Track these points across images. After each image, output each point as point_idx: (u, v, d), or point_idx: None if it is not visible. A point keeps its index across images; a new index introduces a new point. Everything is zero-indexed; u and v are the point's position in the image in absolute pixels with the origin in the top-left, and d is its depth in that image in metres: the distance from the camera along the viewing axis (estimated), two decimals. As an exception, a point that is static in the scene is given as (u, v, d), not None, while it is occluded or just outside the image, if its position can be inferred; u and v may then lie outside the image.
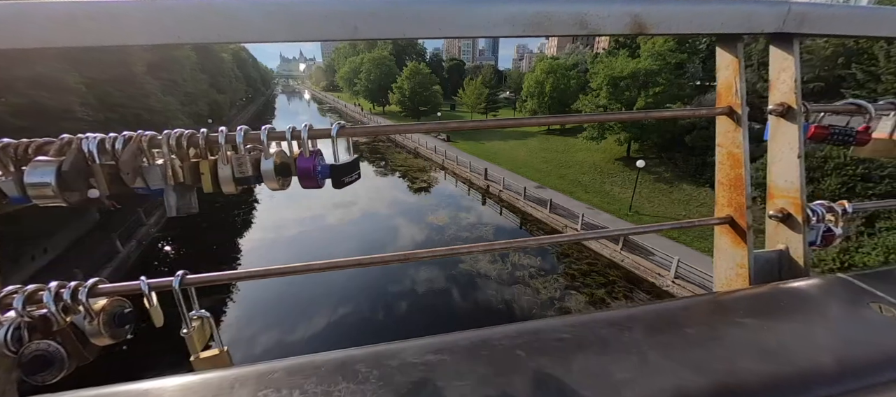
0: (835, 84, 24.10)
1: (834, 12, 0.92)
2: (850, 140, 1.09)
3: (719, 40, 0.98)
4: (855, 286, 0.85)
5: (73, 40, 0.64)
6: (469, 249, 1.02)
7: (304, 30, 0.74)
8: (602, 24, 0.78)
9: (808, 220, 1.04)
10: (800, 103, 1.00)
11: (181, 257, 18.12)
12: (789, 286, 0.89)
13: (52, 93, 12.23)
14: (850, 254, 14.84)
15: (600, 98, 27.40)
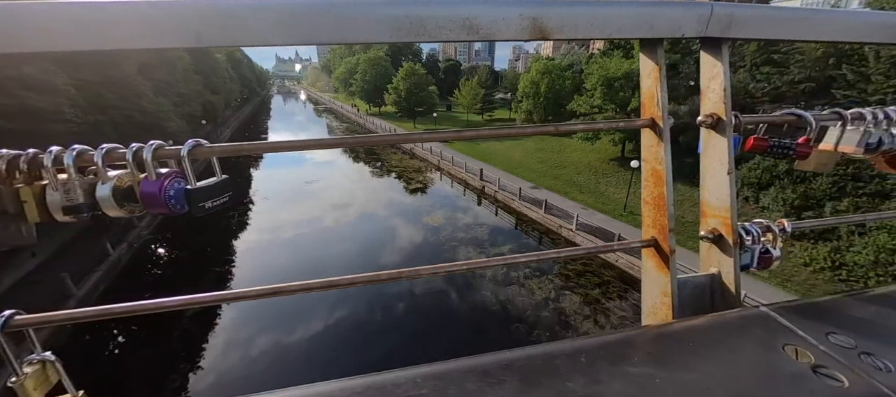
0: (825, 84, 24.43)
1: (763, 14, 0.87)
2: (791, 152, 1.04)
3: (642, 45, 0.92)
4: (774, 323, 0.80)
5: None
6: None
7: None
8: (495, 28, 0.72)
9: (740, 242, 0.98)
10: (729, 114, 0.94)
11: (173, 260, 17.92)
12: (703, 322, 0.83)
13: (41, 94, 12.03)
14: (841, 254, 15.03)
15: (595, 98, 27.54)
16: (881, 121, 1.03)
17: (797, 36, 0.90)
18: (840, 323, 0.79)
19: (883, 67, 20.51)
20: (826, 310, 0.85)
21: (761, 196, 20.26)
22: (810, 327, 0.77)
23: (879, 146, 1.04)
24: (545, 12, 0.74)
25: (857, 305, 0.87)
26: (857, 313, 0.84)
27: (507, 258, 0.98)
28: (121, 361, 11.95)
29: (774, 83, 26.39)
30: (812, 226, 1.18)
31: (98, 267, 14.76)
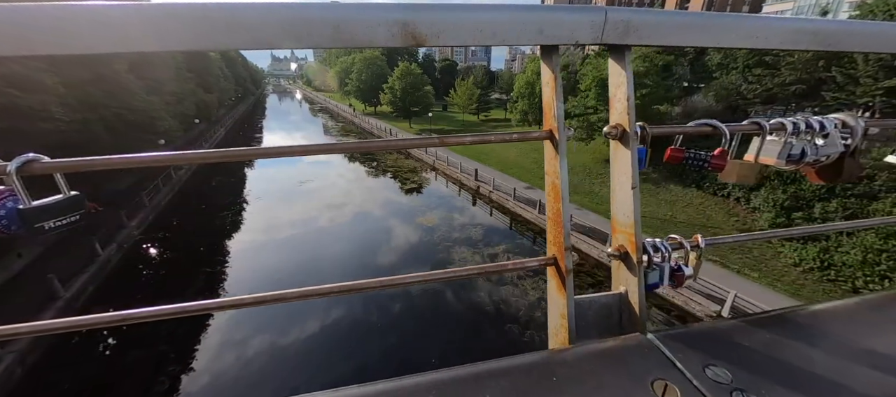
0: (815, 87, 24.82)
1: (662, 20, 0.84)
2: (705, 165, 1.02)
3: (541, 52, 0.87)
4: (654, 353, 0.77)
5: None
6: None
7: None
8: (365, 34, 0.69)
9: (648, 260, 0.95)
10: (634, 125, 0.91)
11: (166, 261, 17.70)
12: (583, 351, 0.80)
13: (28, 93, 11.81)
14: (830, 254, 15.28)
15: (589, 99, 27.71)
16: (802, 132, 1.01)
17: (699, 42, 0.87)
18: (725, 353, 0.77)
19: (871, 70, 20.89)
20: (715, 338, 0.83)
21: (752, 197, 20.52)
22: (691, 358, 0.75)
23: (803, 157, 1.01)
24: (419, 18, 0.71)
25: (749, 332, 0.84)
26: (747, 341, 0.81)
27: (394, 278, 0.91)
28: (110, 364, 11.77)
29: (766, 85, 26.76)
30: (729, 242, 1.15)
31: (87, 268, 14.52)
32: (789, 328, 0.86)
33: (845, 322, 0.91)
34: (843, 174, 1.06)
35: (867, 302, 0.98)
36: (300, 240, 19.38)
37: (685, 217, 20.68)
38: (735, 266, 15.29)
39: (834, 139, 1.01)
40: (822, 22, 0.93)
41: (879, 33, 0.97)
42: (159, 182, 23.15)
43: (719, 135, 0.98)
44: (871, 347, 0.79)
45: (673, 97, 29.72)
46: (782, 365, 0.75)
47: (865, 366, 0.74)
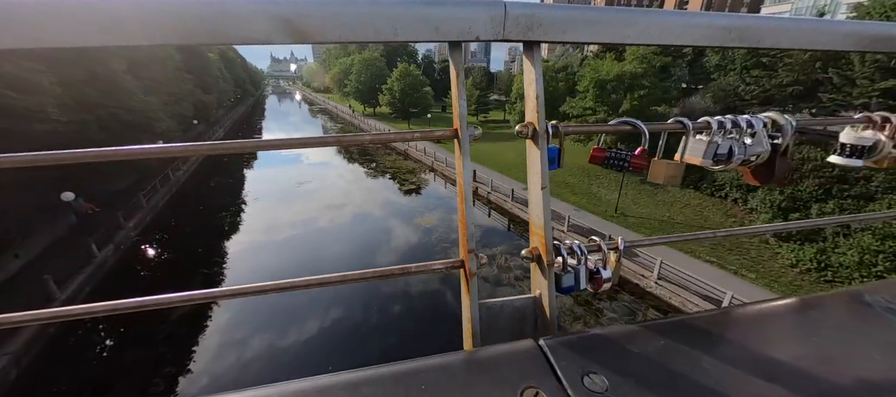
0: (812, 88, 24.95)
1: (568, 15, 0.80)
2: (625, 165, 1.01)
3: (449, 48, 0.84)
4: (536, 360, 0.75)
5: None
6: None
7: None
8: (241, 31, 0.66)
9: (563, 263, 0.94)
10: (543, 124, 0.88)
11: (163, 262, 17.65)
12: (476, 356, 0.78)
13: (23, 93, 11.76)
14: (827, 255, 15.33)
15: (587, 100, 27.77)
16: (729, 131, 1.00)
17: (612, 38, 0.84)
18: (614, 360, 0.75)
19: (868, 71, 21.02)
20: (613, 344, 0.80)
21: (749, 198, 20.60)
22: (576, 365, 0.73)
23: (730, 157, 1.00)
24: (297, 12, 0.68)
25: (653, 337, 0.82)
26: (648, 347, 0.79)
27: (322, 277, 0.90)
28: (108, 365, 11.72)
29: (763, 86, 26.88)
30: (647, 245, 1.11)
31: (83, 268, 14.47)
32: (699, 332, 0.84)
33: (757, 325, 0.88)
34: (775, 174, 1.05)
35: (792, 305, 0.96)
36: (300, 241, 19.35)
37: (682, 218, 20.73)
38: (732, 267, 15.33)
39: (760, 138, 1.01)
40: (739, 17, 0.89)
41: (797, 30, 0.94)
42: (157, 183, 23.09)
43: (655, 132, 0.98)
44: (770, 354, 0.78)
45: (671, 98, 29.81)
46: (669, 371, 0.73)
47: (758, 374, 0.73)
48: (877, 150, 1.10)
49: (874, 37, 0.98)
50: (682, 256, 15.81)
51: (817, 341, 0.82)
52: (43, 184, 13.65)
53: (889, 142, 1.09)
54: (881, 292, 0.96)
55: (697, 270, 14.36)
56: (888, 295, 0.95)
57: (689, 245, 16.60)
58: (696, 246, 16.62)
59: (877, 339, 0.83)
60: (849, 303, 0.94)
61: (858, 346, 0.81)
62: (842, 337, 0.83)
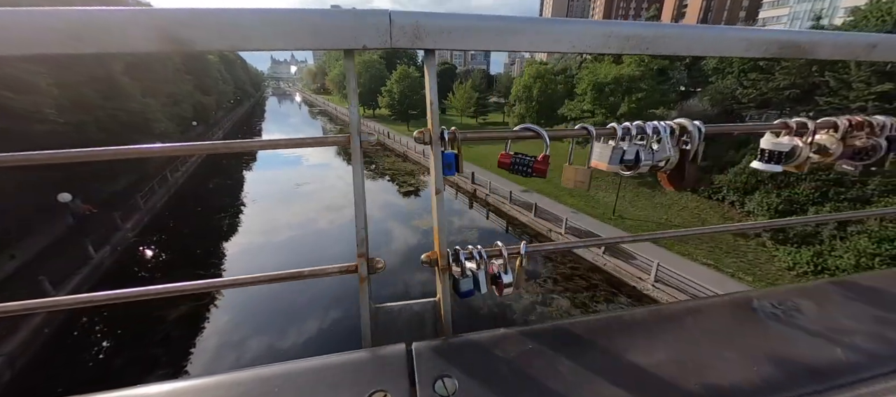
0: (809, 91, 25.09)
1: (456, 24, 0.81)
2: (528, 170, 1.02)
3: (344, 55, 0.85)
4: (396, 365, 0.75)
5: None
6: None
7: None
8: (125, 41, 0.67)
9: (461, 268, 0.95)
10: (437, 129, 0.90)
11: (161, 263, 17.59)
12: (340, 359, 0.78)
13: (21, 94, 11.75)
14: (823, 257, 15.39)
15: (585, 103, 27.86)
16: (634, 136, 1.01)
17: (501, 46, 0.84)
18: (473, 364, 0.75)
19: (864, 75, 21.14)
20: (476, 349, 0.79)
21: (746, 201, 20.67)
22: (434, 369, 0.73)
23: (638, 162, 1.02)
24: (178, 24, 0.68)
25: (515, 341, 0.81)
26: (512, 351, 0.78)
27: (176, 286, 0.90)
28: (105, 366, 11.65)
29: (760, 89, 27.03)
30: (547, 251, 1.13)
31: (79, 269, 14.41)
32: (574, 338, 0.83)
33: (635, 330, 0.86)
34: (685, 179, 1.07)
35: (678, 309, 0.94)
36: (299, 242, 19.32)
37: (680, 220, 20.78)
38: (729, 269, 15.37)
39: (665, 144, 1.02)
40: (632, 25, 0.90)
41: (696, 37, 0.95)
42: (155, 184, 23.03)
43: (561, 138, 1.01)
44: (634, 359, 0.77)
45: (669, 101, 29.93)
46: (527, 377, 0.72)
47: (614, 381, 0.72)
48: (795, 156, 1.12)
49: (782, 43, 1.00)
50: (678, 259, 15.85)
51: (685, 347, 0.81)
52: (40, 186, 13.61)
53: (806, 147, 1.12)
54: (770, 298, 0.97)
55: (695, 273, 14.39)
56: (776, 300, 0.95)
57: (686, 247, 16.64)
58: (693, 248, 16.65)
59: (748, 345, 0.82)
60: (735, 308, 0.95)
61: (729, 352, 0.79)
62: (715, 343, 0.82)
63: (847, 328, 0.86)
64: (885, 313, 0.92)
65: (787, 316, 0.90)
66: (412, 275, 15.75)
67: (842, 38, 1.07)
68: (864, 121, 1.14)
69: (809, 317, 0.90)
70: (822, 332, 0.85)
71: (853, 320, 0.89)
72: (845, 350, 0.79)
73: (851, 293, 1.01)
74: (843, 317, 0.90)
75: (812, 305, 0.94)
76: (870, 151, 1.14)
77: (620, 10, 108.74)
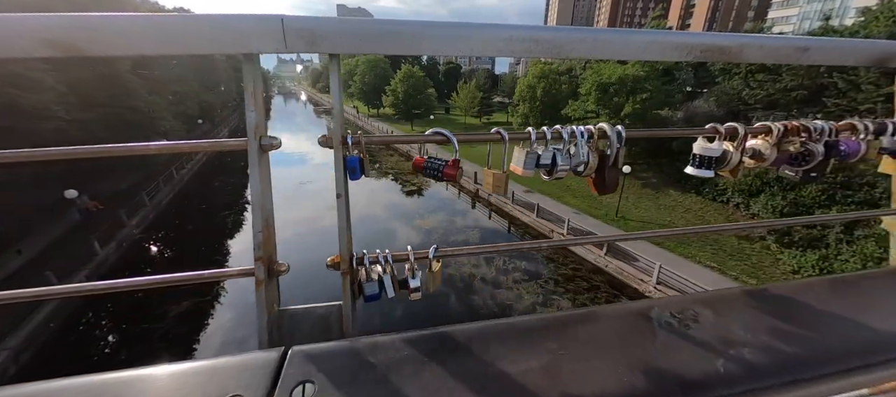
0: (817, 92, 24.82)
1: (351, 29, 0.80)
2: (439, 174, 1.01)
3: (244, 60, 0.85)
4: (267, 367, 0.74)
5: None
6: None
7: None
8: (10, 47, 0.68)
9: (365, 272, 0.96)
10: (338, 134, 0.90)
11: (166, 260, 17.73)
12: (230, 362, 0.76)
13: (29, 92, 11.89)
14: (829, 261, 15.23)
15: (589, 103, 27.74)
16: (548, 141, 1.01)
17: (404, 50, 0.84)
18: (343, 371, 0.74)
19: (873, 76, 20.90)
20: (358, 355, 0.78)
21: (752, 203, 20.49)
22: (299, 375, 0.72)
23: (554, 166, 1.02)
24: (74, 25, 0.68)
25: (396, 347, 0.80)
26: (387, 357, 0.77)
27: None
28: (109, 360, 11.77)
29: (767, 90, 26.77)
30: (452, 255, 1.10)
31: (85, 265, 14.56)
32: (451, 343, 0.81)
33: (521, 338, 0.84)
34: (606, 184, 1.08)
35: (575, 316, 0.93)
36: (302, 241, 19.39)
37: (684, 222, 20.64)
38: (733, 272, 15.25)
39: (580, 148, 1.02)
40: (542, 30, 0.89)
41: (607, 41, 0.93)
42: (160, 181, 23.22)
43: None
44: (507, 368, 0.75)
45: (674, 102, 29.73)
46: (390, 385, 0.72)
47: (479, 391, 0.71)
48: (725, 161, 1.11)
49: (705, 46, 0.99)
50: (682, 261, 15.75)
51: (561, 356, 0.79)
52: (46, 182, 13.76)
53: (736, 152, 1.11)
54: (672, 306, 0.95)
55: (698, 276, 14.29)
56: (677, 309, 0.93)
57: (690, 250, 16.52)
58: (697, 251, 16.54)
59: (627, 354, 0.79)
60: (631, 316, 0.93)
61: (601, 361, 0.78)
62: (593, 352, 0.80)
63: (735, 339, 0.84)
64: (781, 323, 0.89)
65: (681, 325, 0.88)
66: (414, 274, 15.76)
67: (771, 42, 1.06)
68: (799, 126, 1.13)
69: (703, 327, 0.88)
70: (709, 342, 0.83)
71: (746, 330, 0.86)
72: (726, 361, 0.77)
73: (758, 302, 0.98)
74: (737, 328, 0.87)
75: (711, 315, 0.92)
76: (806, 156, 1.12)
77: (627, 10, 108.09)
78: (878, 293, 1.03)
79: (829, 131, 1.13)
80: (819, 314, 0.94)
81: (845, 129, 1.21)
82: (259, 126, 0.88)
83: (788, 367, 0.76)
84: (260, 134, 0.88)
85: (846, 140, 1.19)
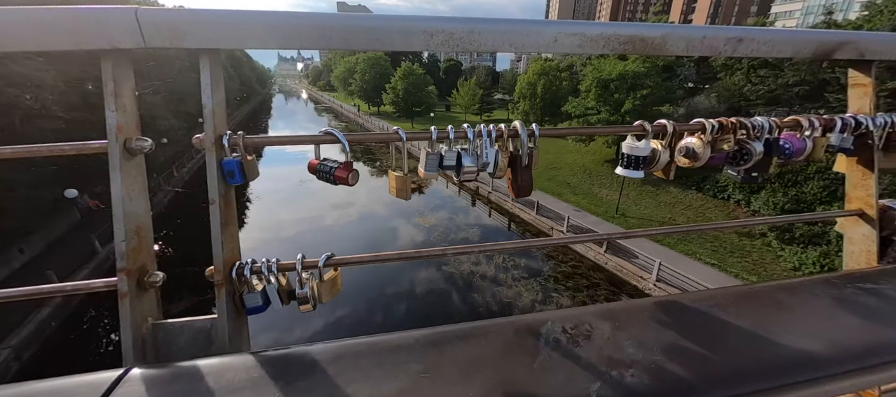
0: (819, 87, 24.72)
1: (211, 19, 0.74)
2: (331, 177, 0.97)
3: None
4: (94, 392, 0.68)
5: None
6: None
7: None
8: None
9: (246, 282, 0.89)
10: (211, 135, 0.83)
11: (167, 259, 17.76)
12: (50, 385, 0.71)
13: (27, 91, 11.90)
14: (830, 258, 15.21)
15: (589, 100, 27.67)
16: (453, 141, 0.96)
17: (273, 45, 0.78)
18: (181, 392, 0.67)
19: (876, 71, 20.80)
20: (184, 376, 0.71)
21: (752, 200, 20.46)
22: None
23: (460, 167, 0.98)
24: None
25: (248, 367, 0.73)
26: (218, 380, 0.70)
27: None
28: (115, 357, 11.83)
29: (769, 86, 26.67)
30: (367, 262, 1.05)
31: (86, 265, 14.64)
32: (309, 361, 0.74)
33: (401, 354, 0.77)
34: (519, 186, 1.04)
35: (467, 329, 0.85)
36: (304, 240, 19.43)
37: (684, 219, 20.63)
38: (733, 270, 15.25)
39: (485, 148, 0.98)
40: (435, 20, 0.84)
41: (511, 32, 0.88)
42: (161, 180, 23.24)
43: None
44: (378, 386, 0.70)
45: (675, 98, 29.64)
46: None
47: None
48: (654, 160, 1.04)
49: (624, 38, 0.93)
50: (682, 258, 15.75)
51: (430, 379, 0.72)
52: (46, 181, 13.78)
53: (665, 151, 1.04)
54: (566, 321, 0.86)
55: (698, 273, 14.29)
56: (571, 323, 0.85)
57: (690, 247, 16.51)
58: (697, 247, 16.53)
59: (503, 376, 0.72)
60: (519, 332, 0.84)
61: (477, 384, 0.71)
62: (471, 373, 0.73)
63: (622, 358, 0.73)
64: (683, 339, 0.78)
65: (569, 342, 0.78)
66: (416, 271, 15.77)
67: (699, 33, 0.99)
68: (737, 123, 1.05)
69: (593, 343, 0.78)
70: (592, 362, 0.73)
71: (639, 348, 0.76)
72: (603, 384, 0.69)
73: (667, 314, 0.87)
74: (630, 345, 0.77)
75: (608, 329, 0.82)
76: (745, 155, 1.06)
77: (628, 6, 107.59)
78: (798, 302, 0.91)
79: (770, 128, 1.06)
80: (729, 328, 0.83)
81: (791, 126, 1.14)
82: (124, 127, 0.81)
83: (672, 392, 0.67)
84: (126, 136, 0.82)
85: (791, 137, 1.13)
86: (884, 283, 0.99)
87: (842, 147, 1.18)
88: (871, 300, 0.90)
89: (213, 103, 0.83)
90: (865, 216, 1.30)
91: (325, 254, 0.96)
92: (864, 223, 1.30)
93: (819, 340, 0.77)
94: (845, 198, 1.36)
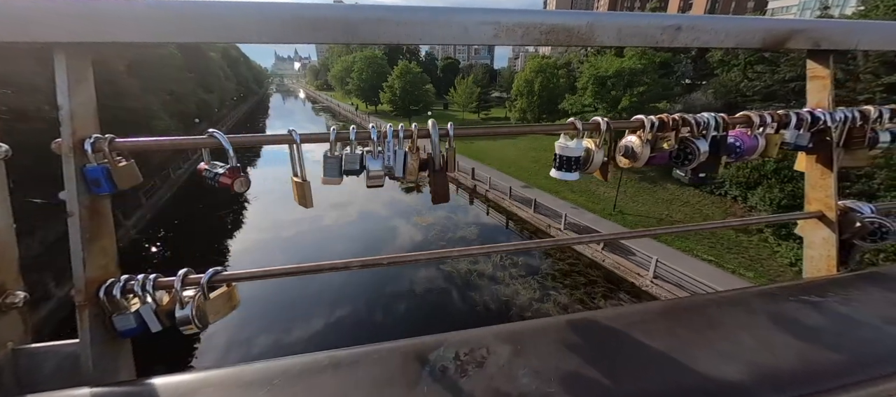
0: (814, 85, 24.78)
1: (98, 9, 0.68)
2: (216, 183, 0.91)
3: None
4: None
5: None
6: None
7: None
8: None
9: (113, 302, 0.81)
10: (68, 138, 0.74)
11: (164, 260, 17.73)
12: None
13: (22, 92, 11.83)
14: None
15: (586, 97, 27.67)
16: (354, 142, 0.90)
17: (161, 38, 0.73)
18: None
19: (872, 65, 20.86)
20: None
21: (749, 195, 20.54)
22: None
23: (362, 171, 0.92)
24: None
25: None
26: None
27: None
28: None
29: (765, 81, 26.73)
30: (260, 276, 0.98)
31: (84, 267, 14.57)
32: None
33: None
34: (435, 191, 0.98)
35: (348, 356, 0.77)
36: (303, 239, 19.42)
37: (681, 216, 20.70)
38: (730, 266, 15.32)
39: (389, 150, 0.92)
40: (317, 7, 0.78)
41: (434, 23, 0.82)
42: (156, 180, 23.15)
43: None
44: None
45: (672, 95, 29.68)
46: None
47: None
48: (589, 161, 0.97)
49: (547, 27, 0.86)
50: (680, 255, 15.81)
51: None
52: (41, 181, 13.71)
53: (599, 151, 0.97)
54: (464, 345, 0.78)
55: (696, 269, 14.34)
56: (467, 348, 0.76)
57: (688, 243, 16.57)
58: (694, 244, 16.59)
59: None
60: (407, 358, 0.76)
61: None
62: None
63: (509, 390, 0.64)
64: (583, 364, 0.68)
65: (457, 371, 0.68)
66: (416, 271, 15.77)
67: (632, 21, 0.90)
68: (679, 120, 0.97)
69: (484, 372, 0.68)
70: (470, 394, 0.63)
71: (533, 377, 0.66)
72: None
73: (577, 334, 0.76)
74: (524, 374, 0.67)
75: (506, 354, 0.71)
76: (689, 155, 0.98)
77: (625, 3, 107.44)
78: (729, 318, 0.80)
79: (717, 125, 0.98)
80: (649, 351, 0.71)
81: (741, 122, 1.06)
82: None
83: None
84: None
85: (741, 134, 1.06)
86: (837, 294, 0.87)
87: (798, 144, 1.12)
88: (816, 315, 0.79)
89: (72, 104, 0.74)
90: (825, 218, 1.22)
91: (213, 268, 0.88)
92: (823, 226, 1.22)
93: (740, 362, 0.66)
94: (805, 199, 1.28)
